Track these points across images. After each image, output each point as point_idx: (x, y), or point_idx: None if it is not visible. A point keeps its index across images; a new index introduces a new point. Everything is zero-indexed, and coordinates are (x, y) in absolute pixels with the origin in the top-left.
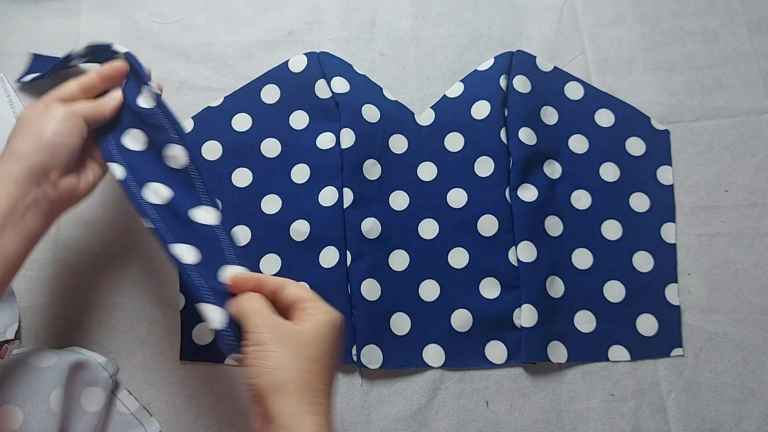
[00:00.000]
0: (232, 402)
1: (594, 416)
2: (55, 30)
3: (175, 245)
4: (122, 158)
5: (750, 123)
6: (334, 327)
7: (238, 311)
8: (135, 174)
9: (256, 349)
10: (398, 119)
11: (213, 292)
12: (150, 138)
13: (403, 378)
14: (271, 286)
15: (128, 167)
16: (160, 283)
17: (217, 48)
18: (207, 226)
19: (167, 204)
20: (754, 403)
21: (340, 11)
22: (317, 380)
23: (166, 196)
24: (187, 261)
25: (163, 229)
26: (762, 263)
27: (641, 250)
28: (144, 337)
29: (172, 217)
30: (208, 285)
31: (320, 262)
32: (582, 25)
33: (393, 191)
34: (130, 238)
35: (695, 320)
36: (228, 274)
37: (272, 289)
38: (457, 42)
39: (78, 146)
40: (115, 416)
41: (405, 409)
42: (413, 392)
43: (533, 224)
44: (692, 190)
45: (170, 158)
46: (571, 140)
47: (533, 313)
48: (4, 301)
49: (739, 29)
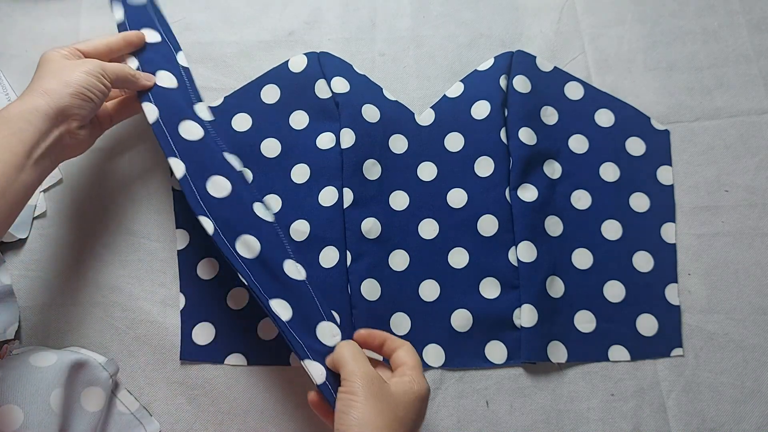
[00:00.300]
0: (232, 402)
1: (594, 416)
2: (55, 30)
3: (272, 301)
4: (209, 210)
5: (750, 123)
6: (423, 399)
7: (337, 357)
8: (225, 226)
9: (348, 398)
10: (398, 119)
11: (310, 349)
12: (235, 187)
13: None
14: (390, 345)
15: (217, 218)
16: (160, 283)
17: (217, 48)
18: (298, 282)
19: (258, 257)
20: (754, 403)
21: (340, 11)
22: None
23: (256, 250)
24: (284, 318)
25: (257, 284)
26: (762, 263)
27: (641, 250)
28: (144, 337)
29: (264, 271)
30: (306, 343)
31: (320, 262)
32: (582, 25)
33: (393, 191)
34: (130, 238)
35: (695, 320)
36: (325, 330)
37: (390, 347)
38: (457, 42)
39: (100, 105)
40: (115, 416)
41: None
42: None
43: (533, 224)
44: (692, 190)
45: (258, 207)
46: (571, 140)
47: (533, 313)
48: (4, 301)
49: (739, 29)
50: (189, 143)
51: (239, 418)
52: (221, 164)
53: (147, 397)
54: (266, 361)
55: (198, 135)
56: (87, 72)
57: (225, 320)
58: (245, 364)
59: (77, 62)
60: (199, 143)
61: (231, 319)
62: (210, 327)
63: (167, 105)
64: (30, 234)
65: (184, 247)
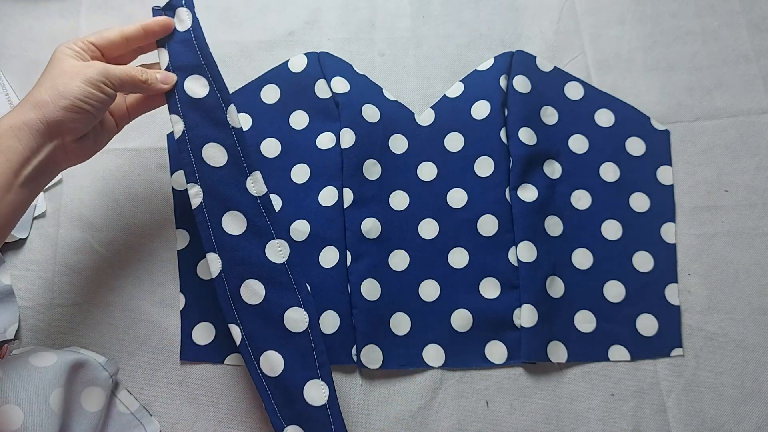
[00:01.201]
0: (232, 402)
1: (594, 416)
2: (55, 30)
3: (266, 353)
4: (217, 242)
5: (750, 123)
6: None
7: None
8: (230, 264)
9: None
10: (398, 119)
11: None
12: (250, 225)
13: (403, 378)
14: None
15: (224, 254)
16: (160, 283)
17: (217, 48)
18: (299, 334)
19: (259, 305)
20: (754, 403)
21: (340, 11)
22: None
23: (261, 295)
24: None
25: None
26: (762, 263)
27: (641, 250)
28: (144, 337)
29: (263, 320)
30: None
31: (320, 262)
32: (582, 25)
33: (393, 191)
34: (130, 238)
35: (695, 320)
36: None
37: None
38: (457, 42)
39: (101, 115)
40: (115, 416)
41: (405, 410)
42: (413, 392)
43: (533, 224)
44: (692, 190)
45: (272, 249)
46: (571, 140)
47: (533, 313)
48: (4, 301)
49: (739, 29)
50: (212, 170)
51: (239, 418)
52: (240, 196)
53: (147, 397)
54: None
55: (221, 161)
56: (87, 81)
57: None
58: (244, 364)
59: (81, 67)
60: (221, 170)
61: None
62: (210, 327)
63: (194, 121)
64: (30, 234)
65: (184, 247)
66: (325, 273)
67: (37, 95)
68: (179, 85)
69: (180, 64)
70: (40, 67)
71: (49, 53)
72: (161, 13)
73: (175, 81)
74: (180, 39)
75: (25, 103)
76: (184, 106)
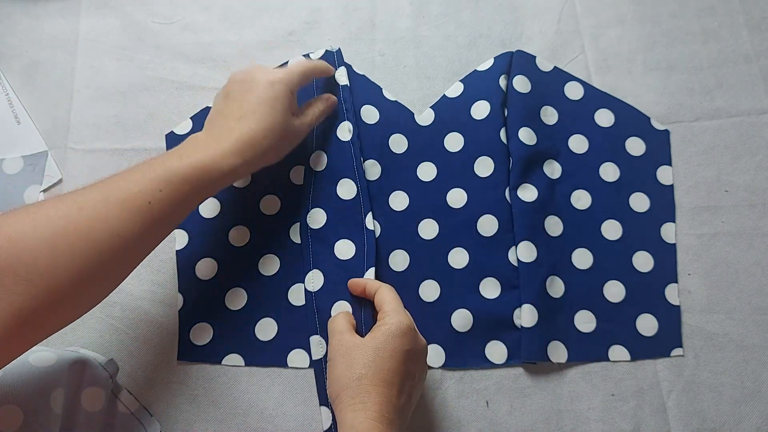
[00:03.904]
0: (232, 402)
1: (594, 416)
2: (54, 30)
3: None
4: None
5: (750, 123)
6: (394, 334)
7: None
8: None
9: (329, 364)
10: (398, 119)
11: None
12: None
13: None
14: (371, 288)
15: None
16: (160, 283)
17: (217, 48)
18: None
19: None
20: (754, 403)
21: (340, 11)
22: (369, 382)
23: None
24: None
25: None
26: (762, 263)
27: (641, 250)
28: (144, 337)
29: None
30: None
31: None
32: (582, 25)
33: (393, 191)
34: None
35: (695, 320)
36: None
37: (371, 289)
38: (457, 42)
39: None
40: (115, 416)
41: None
42: None
43: (533, 224)
44: (692, 190)
45: None
46: (571, 140)
47: (533, 313)
48: None
49: (739, 29)
50: (342, 202)
51: (239, 418)
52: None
53: (147, 397)
54: (263, 362)
55: (351, 195)
56: (282, 138)
57: (223, 321)
58: (242, 365)
59: (283, 120)
60: (351, 202)
61: (229, 319)
62: (208, 327)
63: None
64: None
65: (183, 247)
66: None
67: (206, 142)
68: None
69: None
70: (40, 67)
71: (49, 53)
72: None
73: None
74: None
75: (230, 165)
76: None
